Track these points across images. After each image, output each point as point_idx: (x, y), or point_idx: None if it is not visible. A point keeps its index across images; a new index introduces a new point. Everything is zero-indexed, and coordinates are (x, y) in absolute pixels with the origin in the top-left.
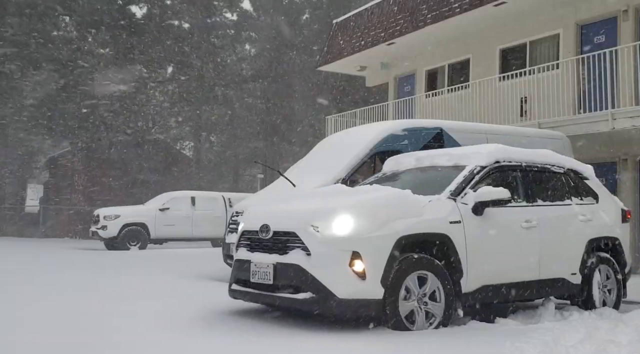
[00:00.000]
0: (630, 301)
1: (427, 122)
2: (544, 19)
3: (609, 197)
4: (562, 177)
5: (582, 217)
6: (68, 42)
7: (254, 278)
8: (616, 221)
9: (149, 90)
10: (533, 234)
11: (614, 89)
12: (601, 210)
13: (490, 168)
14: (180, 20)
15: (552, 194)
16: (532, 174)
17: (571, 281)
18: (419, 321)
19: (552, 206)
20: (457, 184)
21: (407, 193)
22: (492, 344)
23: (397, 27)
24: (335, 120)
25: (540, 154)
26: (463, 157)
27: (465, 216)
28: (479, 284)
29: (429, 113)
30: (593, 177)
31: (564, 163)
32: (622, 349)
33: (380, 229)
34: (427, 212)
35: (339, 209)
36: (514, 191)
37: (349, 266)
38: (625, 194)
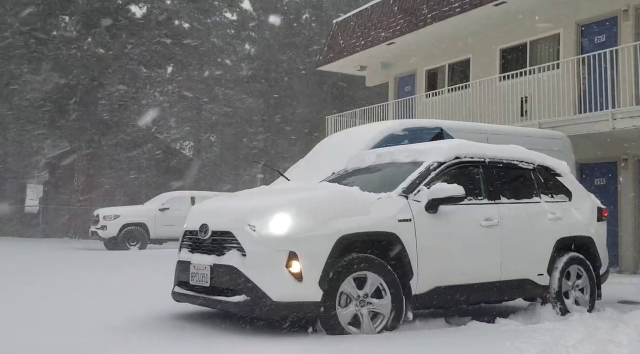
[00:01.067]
0: (630, 301)
1: (427, 122)
2: (544, 19)
3: (584, 195)
4: (531, 173)
5: (551, 215)
6: (68, 42)
7: (192, 280)
8: (590, 220)
9: (149, 90)
10: (494, 233)
11: (614, 89)
12: (574, 208)
13: (449, 164)
14: (180, 20)
15: (518, 191)
16: (496, 171)
17: (538, 282)
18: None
19: (518, 203)
20: (410, 181)
21: (352, 190)
22: (492, 344)
23: (397, 27)
24: (335, 120)
25: (507, 150)
26: (422, 154)
27: (417, 214)
28: (432, 285)
29: (429, 113)
30: (567, 174)
31: (534, 159)
32: (622, 349)
33: (320, 228)
34: (375, 210)
35: (277, 207)
36: (475, 188)
37: (286, 267)
38: (626, 193)
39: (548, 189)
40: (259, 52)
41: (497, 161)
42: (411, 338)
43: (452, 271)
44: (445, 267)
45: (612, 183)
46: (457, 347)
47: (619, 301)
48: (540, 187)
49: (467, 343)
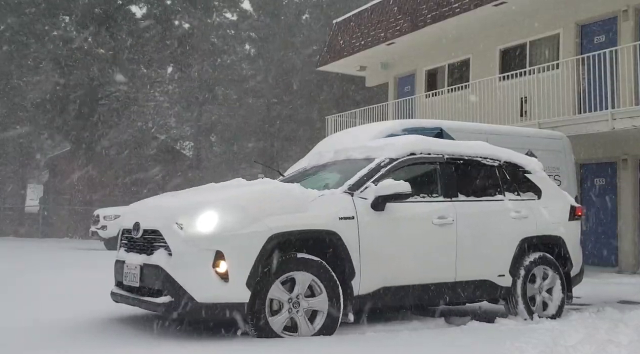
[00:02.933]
0: (630, 301)
1: (427, 122)
2: (544, 19)
3: (556, 193)
4: (496, 171)
5: (515, 214)
6: (68, 42)
7: (125, 280)
8: (561, 219)
9: (149, 90)
10: (448, 231)
11: (614, 89)
12: (542, 206)
13: (402, 160)
14: (180, 20)
15: (479, 188)
16: (455, 167)
17: (498, 283)
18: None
19: (477, 201)
20: (358, 178)
21: (290, 187)
22: (492, 344)
23: (397, 27)
24: (335, 120)
25: (470, 146)
26: (376, 150)
27: (362, 212)
28: (377, 285)
29: (429, 113)
30: (537, 171)
31: (500, 156)
32: (622, 350)
33: (249, 227)
34: (314, 207)
35: (205, 204)
36: (430, 185)
37: (213, 267)
38: (625, 194)
39: (514, 186)
40: (259, 52)
41: (457, 157)
42: (411, 338)
43: (401, 271)
44: (394, 267)
45: (612, 183)
46: (457, 347)
47: (619, 301)
48: (505, 185)
49: (467, 343)
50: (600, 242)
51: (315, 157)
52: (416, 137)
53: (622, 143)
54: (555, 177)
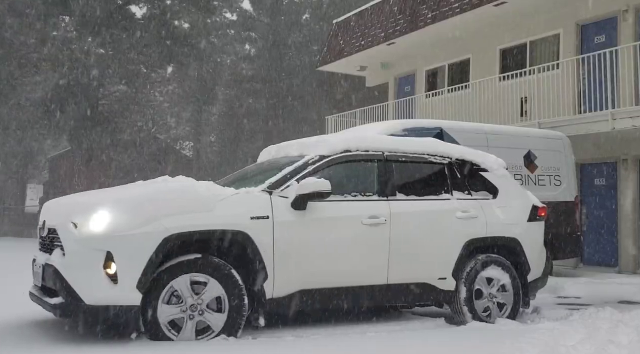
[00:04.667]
0: (630, 301)
1: (427, 122)
2: (544, 19)
3: (516, 192)
4: (445, 168)
5: (462, 214)
6: (68, 42)
7: (34, 279)
8: (518, 219)
9: (149, 90)
10: (380, 232)
11: (614, 89)
12: (497, 206)
13: (334, 158)
14: (180, 20)
15: (422, 187)
16: (396, 165)
17: (439, 286)
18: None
19: (418, 200)
20: (281, 176)
21: (196, 185)
22: (492, 344)
23: (397, 27)
24: (335, 120)
25: (417, 144)
26: (309, 147)
27: (280, 211)
28: (295, 288)
29: (429, 113)
30: (495, 169)
31: (452, 153)
32: (622, 350)
33: (142, 227)
34: (223, 207)
35: (98, 204)
36: (364, 184)
37: (104, 268)
38: (626, 194)
39: (465, 185)
40: (259, 52)
41: (399, 154)
42: (411, 338)
43: (325, 272)
44: (315, 268)
45: (612, 183)
46: (457, 347)
47: (619, 301)
48: (455, 183)
49: (467, 343)
50: (600, 243)
51: (264, 155)
52: (354, 134)
53: (622, 143)
54: (555, 177)
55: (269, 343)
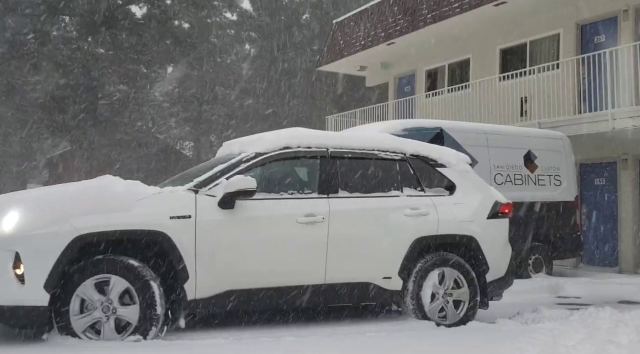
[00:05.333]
0: (630, 301)
1: (427, 122)
2: (544, 19)
3: (476, 188)
4: (397, 165)
5: (411, 211)
6: (68, 42)
7: None
8: (475, 217)
9: (149, 90)
10: (317, 230)
11: (614, 89)
12: (452, 203)
13: (272, 155)
14: (180, 20)
15: (369, 184)
16: (341, 162)
17: (384, 286)
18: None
19: (362, 197)
20: (211, 174)
21: (110, 185)
22: (492, 344)
23: (397, 27)
24: (335, 120)
25: (367, 140)
26: (249, 144)
27: (204, 210)
28: (223, 288)
29: (429, 113)
30: (454, 165)
31: (405, 149)
32: (622, 350)
33: (50, 226)
34: (141, 206)
35: (10, 203)
36: (302, 181)
37: (14, 269)
38: (625, 194)
39: (418, 181)
40: (259, 52)
41: (345, 151)
42: (411, 337)
43: (255, 272)
44: (245, 268)
45: (612, 183)
46: (457, 347)
47: (619, 301)
48: (406, 180)
49: (468, 343)
50: (600, 242)
51: (221, 149)
52: (296, 130)
53: (622, 143)
54: (555, 177)
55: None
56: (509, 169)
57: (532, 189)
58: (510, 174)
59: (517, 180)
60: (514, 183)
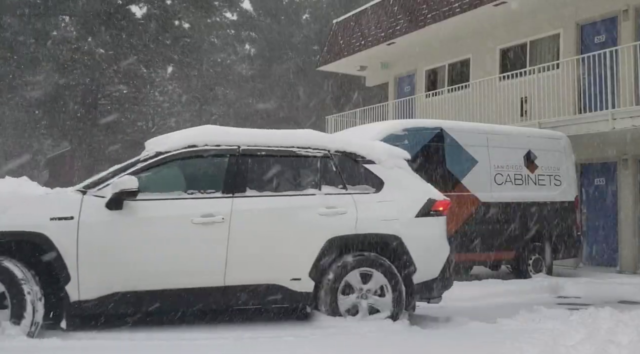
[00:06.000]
0: (630, 301)
1: (427, 122)
2: (544, 19)
3: (407, 185)
4: (318, 162)
5: (327, 210)
6: (68, 42)
7: None
8: (401, 215)
9: (149, 90)
10: (216, 231)
11: (614, 89)
12: (377, 201)
13: (174, 154)
14: (180, 20)
15: (281, 182)
16: (252, 160)
17: (293, 288)
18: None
19: (271, 196)
20: (105, 174)
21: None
22: (492, 344)
23: (397, 27)
24: (335, 120)
25: (285, 136)
26: (160, 142)
27: (88, 211)
28: (110, 290)
29: (429, 113)
30: (384, 161)
31: (329, 146)
32: (622, 350)
33: None
34: (22, 207)
35: None
36: (208, 180)
37: None
38: (626, 194)
39: (341, 179)
40: (259, 52)
41: (259, 149)
42: (411, 338)
43: (146, 274)
44: (135, 270)
45: (612, 183)
46: (457, 347)
47: (619, 301)
48: (326, 178)
49: (468, 343)
50: (600, 242)
51: (150, 146)
52: (205, 128)
53: (622, 143)
54: (555, 177)
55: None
56: (509, 169)
57: (532, 189)
58: (510, 174)
59: (517, 180)
60: (514, 183)
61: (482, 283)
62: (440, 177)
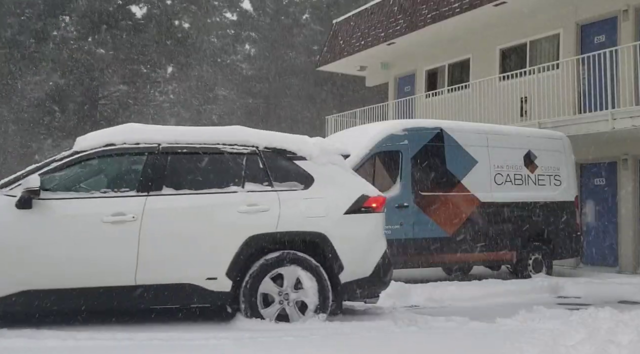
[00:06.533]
0: (630, 301)
1: (427, 122)
2: (544, 19)
3: (338, 182)
4: (244, 159)
5: (248, 207)
6: (68, 42)
7: None
8: (329, 212)
9: (149, 90)
10: (126, 230)
11: (614, 89)
12: (303, 198)
13: (90, 153)
14: (180, 20)
15: (201, 180)
16: (172, 158)
17: (209, 288)
18: None
19: (188, 195)
20: (20, 173)
21: None
22: (492, 344)
23: (397, 27)
24: (335, 120)
25: (210, 134)
26: (82, 141)
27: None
28: (15, 289)
29: (429, 113)
30: (315, 157)
31: (258, 142)
32: (622, 350)
33: None
34: None
35: None
36: (122, 179)
37: None
38: (625, 194)
39: (267, 176)
40: (259, 52)
41: (180, 146)
42: (411, 337)
43: (53, 273)
44: (42, 269)
45: (612, 183)
46: (457, 347)
47: (619, 301)
48: (251, 175)
49: (467, 343)
50: (600, 242)
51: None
52: (126, 126)
53: (622, 143)
54: (555, 177)
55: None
56: (509, 169)
57: (532, 189)
58: (510, 174)
59: (517, 180)
60: (514, 183)
61: (482, 283)
62: (440, 177)
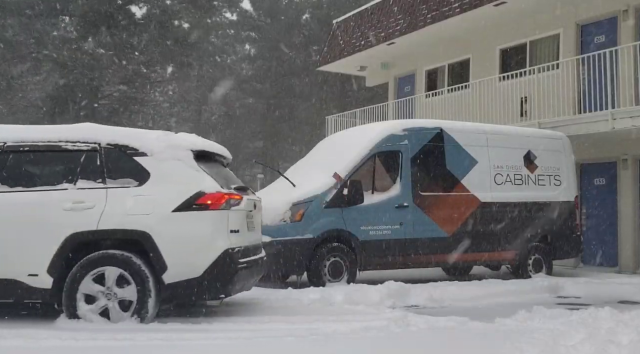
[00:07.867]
0: (630, 301)
1: (427, 122)
2: (544, 19)
3: (175, 178)
4: (82, 156)
5: (72, 205)
6: (68, 42)
7: None
8: (155, 209)
9: (149, 90)
10: None
11: (614, 89)
12: (132, 195)
13: None
14: (180, 20)
15: (32, 177)
16: (14, 156)
17: (30, 284)
18: None
19: (10, 192)
20: None
21: None
22: (492, 344)
23: (397, 27)
24: (335, 120)
25: (54, 131)
26: None
27: None
28: None
29: (429, 113)
30: (157, 153)
31: (100, 138)
32: (622, 350)
33: None
34: None
35: None
36: None
37: None
38: (625, 194)
39: (102, 172)
40: (259, 52)
41: (22, 144)
42: (409, 338)
43: None
44: None
45: (612, 183)
46: (457, 347)
47: (619, 301)
48: (86, 172)
49: (467, 343)
50: (600, 242)
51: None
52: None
53: (622, 143)
54: (555, 177)
55: None
56: (509, 169)
57: (532, 189)
58: (510, 174)
59: (517, 180)
60: (514, 183)
61: (482, 283)
62: (440, 177)
